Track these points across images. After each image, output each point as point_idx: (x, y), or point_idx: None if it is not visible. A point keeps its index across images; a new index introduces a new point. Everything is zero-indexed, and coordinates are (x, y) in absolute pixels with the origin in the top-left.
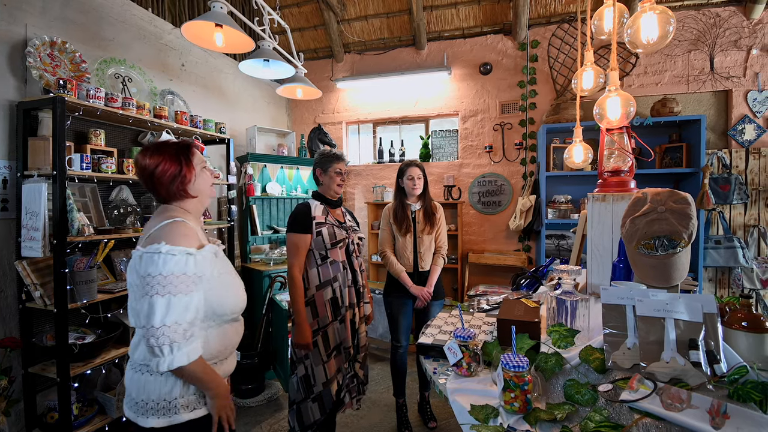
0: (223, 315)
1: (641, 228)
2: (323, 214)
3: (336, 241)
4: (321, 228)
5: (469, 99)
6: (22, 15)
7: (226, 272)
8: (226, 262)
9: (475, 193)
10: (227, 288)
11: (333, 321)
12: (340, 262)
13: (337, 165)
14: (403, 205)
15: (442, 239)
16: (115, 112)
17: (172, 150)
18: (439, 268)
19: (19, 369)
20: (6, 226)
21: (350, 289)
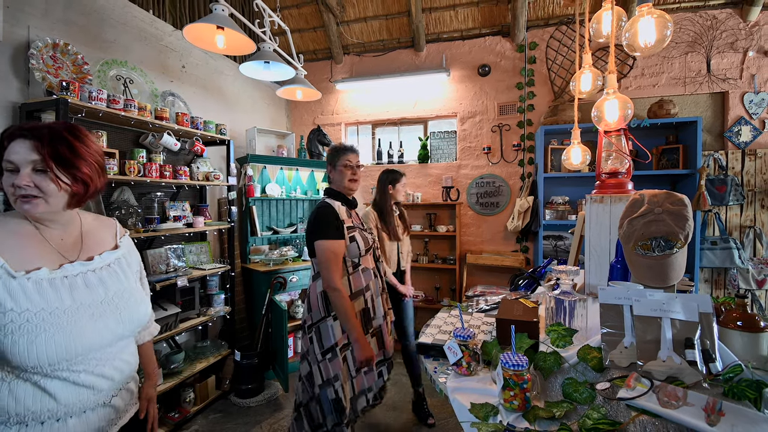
0: (29, 368)
1: (638, 229)
2: (347, 216)
3: (369, 247)
4: (353, 233)
5: (467, 100)
6: (25, 17)
7: (46, 309)
8: (71, 291)
9: (474, 194)
10: (32, 331)
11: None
12: (371, 270)
13: (346, 157)
14: (389, 210)
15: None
16: (117, 114)
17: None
18: (408, 266)
19: None
20: None
21: (382, 298)
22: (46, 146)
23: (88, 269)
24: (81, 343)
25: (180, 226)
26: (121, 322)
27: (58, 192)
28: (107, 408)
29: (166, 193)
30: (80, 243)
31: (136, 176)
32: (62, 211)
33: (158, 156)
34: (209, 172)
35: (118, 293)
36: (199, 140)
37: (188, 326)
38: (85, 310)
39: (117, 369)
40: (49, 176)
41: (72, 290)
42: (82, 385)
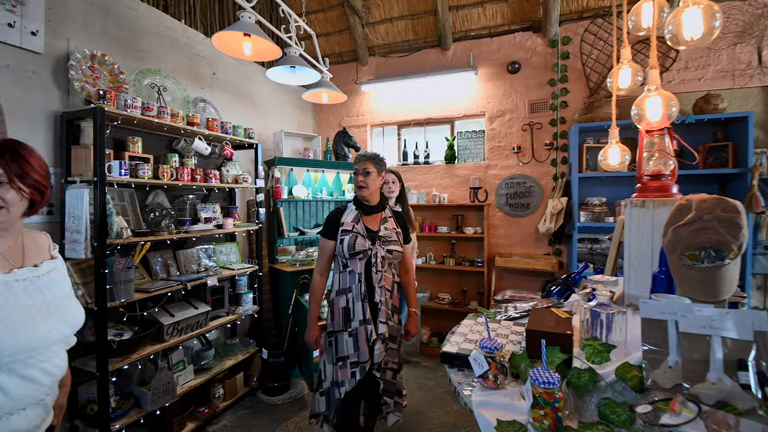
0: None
1: (685, 238)
2: (353, 221)
3: (354, 252)
4: (344, 236)
5: (496, 99)
6: (65, 30)
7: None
8: (23, 294)
9: (503, 195)
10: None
11: (343, 331)
12: (357, 274)
13: (356, 165)
14: None
15: (413, 239)
16: (151, 121)
17: None
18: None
19: None
20: (52, 229)
21: (363, 304)
22: (8, 161)
23: (35, 275)
24: (35, 338)
25: (210, 228)
26: (67, 324)
27: (20, 201)
28: (41, 406)
29: (197, 195)
30: (22, 252)
31: (169, 180)
32: (16, 220)
33: (190, 160)
34: (238, 174)
35: (62, 297)
36: (228, 144)
37: (218, 324)
38: (37, 310)
39: (57, 367)
40: (11, 187)
41: (25, 292)
42: (29, 380)
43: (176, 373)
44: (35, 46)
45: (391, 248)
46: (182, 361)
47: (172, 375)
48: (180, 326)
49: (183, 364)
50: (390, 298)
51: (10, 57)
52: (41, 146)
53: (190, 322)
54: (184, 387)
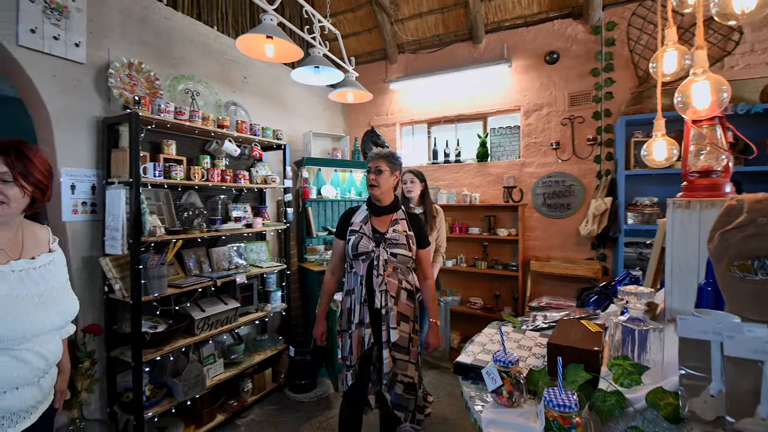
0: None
1: (734, 245)
2: (362, 221)
3: (357, 253)
4: (351, 236)
5: (532, 92)
6: (106, 41)
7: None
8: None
9: (540, 195)
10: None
11: (346, 331)
12: (360, 276)
13: (369, 163)
14: (405, 207)
15: (441, 240)
16: (183, 124)
17: None
18: (438, 265)
19: (102, 352)
20: (95, 226)
21: (362, 307)
22: (13, 160)
23: (31, 266)
24: (29, 325)
25: (239, 227)
26: (59, 314)
27: (22, 198)
28: (36, 387)
29: (229, 195)
30: (21, 244)
31: (200, 181)
32: (17, 215)
33: (221, 161)
34: (267, 175)
35: (56, 289)
36: (257, 146)
37: (246, 320)
38: (32, 299)
39: (50, 352)
40: (15, 185)
41: (20, 282)
42: (23, 361)
43: (206, 366)
44: (78, 56)
45: (396, 252)
46: (213, 355)
47: (202, 368)
48: (210, 321)
49: (213, 357)
50: (395, 305)
51: (56, 67)
52: (85, 150)
53: (220, 318)
54: (213, 380)
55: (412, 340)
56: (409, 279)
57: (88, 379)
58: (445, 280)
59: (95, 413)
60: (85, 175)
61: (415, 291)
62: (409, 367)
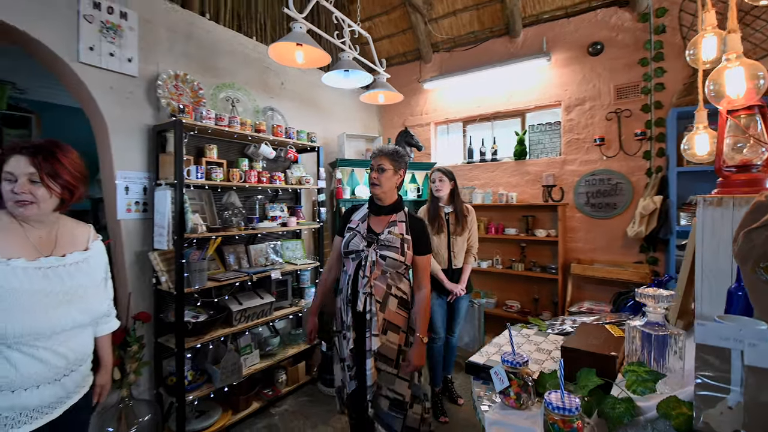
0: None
1: (760, 245)
2: (359, 219)
3: (347, 251)
4: (347, 234)
5: (574, 86)
6: (154, 56)
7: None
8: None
9: (582, 194)
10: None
11: (339, 332)
12: (348, 275)
13: (372, 161)
14: (435, 206)
15: (472, 240)
16: (222, 130)
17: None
18: (469, 266)
19: (151, 338)
20: (145, 224)
21: (347, 308)
22: (40, 161)
23: (60, 264)
24: (45, 323)
25: (274, 226)
26: (83, 312)
27: (49, 198)
28: (57, 386)
29: (266, 195)
30: (55, 242)
31: (238, 182)
32: (49, 214)
33: (258, 164)
34: (301, 176)
35: (83, 287)
36: (292, 148)
37: (281, 314)
38: (54, 297)
39: (72, 350)
40: (42, 185)
41: (44, 279)
42: (39, 360)
43: (243, 356)
44: (131, 70)
45: (386, 254)
46: (249, 346)
47: (239, 357)
48: (247, 313)
49: (250, 348)
50: (381, 311)
51: (112, 81)
52: (137, 154)
53: (256, 311)
54: (250, 369)
55: (404, 354)
56: (401, 286)
57: (137, 362)
58: (480, 281)
59: (144, 394)
60: (137, 178)
61: (409, 300)
62: (397, 383)
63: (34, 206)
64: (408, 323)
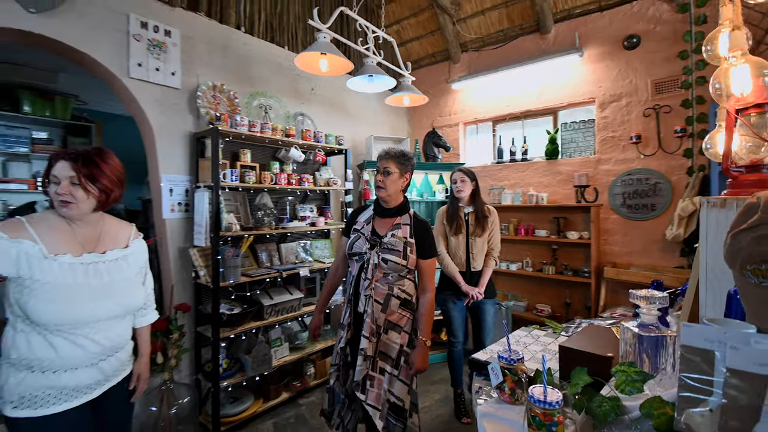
0: (42, 323)
1: (745, 247)
2: (365, 221)
3: (351, 252)
4: (352, 235)
5: (609, 81)
6: (195, 68)
7: (62, 285)
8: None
9: (618, 195)
10: (49, 298)
11: (342, 327)
12: (352, 275)
13: (378, 163)
14: (455, 207)
15: (494, 242)
16: (255, 135)
17: None
18: (489, 269)
19: (191, 327)
20: (187, 223)
21: (348, 307)
22: (80, 166)
23: (100, 260)
24: (83, 313)
25: (303, 225)
26: (117, 304)
27: (87, 199)
28: (95, 369)
29: (296, 197)
30: (98, 239)
31: (269, 184)
32: (89, 213)
33: (288, 167)
34: (329, 178)
35: (119, 282)
36: (320, 151)
37: (309, 310)
38: (92, 290)
39: (107, 339)
40: (80, 187)
41: (86, 273)
42: (77, 345)
43: (274, 348)
44: (174, 83)
45: (388, 257)
46: (279, 339)
47: (269, 348)
48: (277, 308)
49: (280, 341)
50: (383, 312)
51: (158, 93)
52: (180, 159)
53: (286, 306)
54: (279, 361)
55: (406, 355)
56: (404, 287)
57: (177, 348)
58: (510, 284)
59: (184, 378)
60: (180, 181)
61: (413, 301)
62: (397, 385)
63: (73, 206)
64: (412, 324)
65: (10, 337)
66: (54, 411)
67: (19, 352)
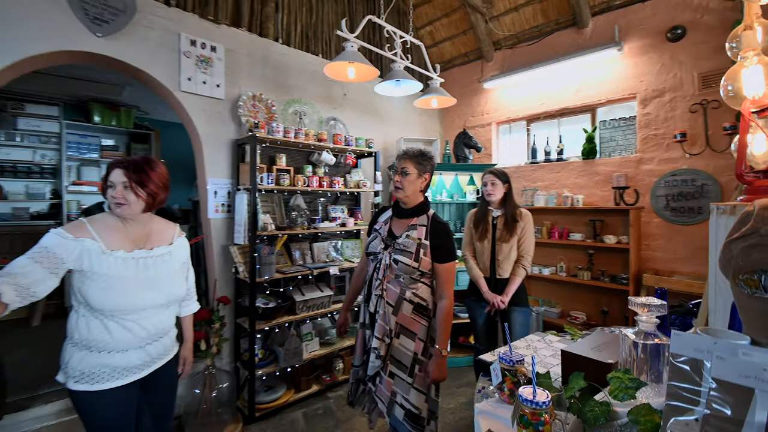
0: (99, 309)
1: (737, 256)
2: (384, 221)
3: (368, 252)
4: (371, 234)
5: (651, 76)
6: (237, 79)
7: (116, 276)
8: (135, 268)
9: (661, 197)
10: (105, 288)
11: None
12: (369, 274)
13: (396, 163)
14: (483, 210)
15: (525, 248)
16: (289, 140)
17: None
18: (518, 278)
19: (231, 319)
20: (228, 222)
21: (364, 306)
22: (131, 173)
23: (149, 255)
24: (132, 301)
25: (333, 226)
26: (162, 294)
27: (137, 201)
28: (142, 351)
29: (328, 198)
30: (147, 237)
31: (302, 186)
32: (139, 214)
33: (320, 169)
34: (359, 180)
35: (164, 275)
36: (351, 154)
37: (338, 308)
38: (141, 281)
39: (153, 325)
40: (132, 191)
41: (136, 267)
42: (127, 329)
43: (305, 342)
44: (219, 94)
45: (399, 258)
46: (310, 333)
47: (300, 342)
48: (308, 304)
49: (311, 335)
50: (394, 315)
51: (204, 104)
52: (223, 164)
53: (316, 302)
54: (310, 354)
55: (421, 363)
56: (418, 292)
57: (218, 337)
58: (543, 289)
59: (225, 366)
60: (223, 184)
61: (428, 307)
62: (412, 393)
63: (126, 207)
64: (428, 332)
65: (74, 320)
66: (108, 386)
67: (80, 333)
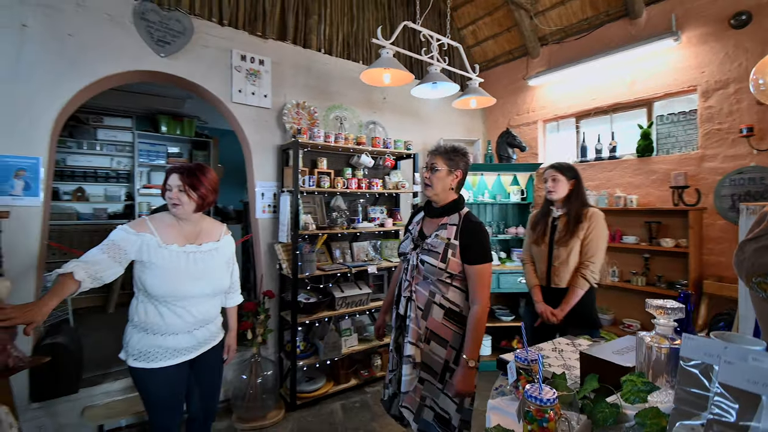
0: (154, 296)
1: (749, 257)
2: (417, 221)
3: (400, 252)
4: (405, 234)
5: (713, 66)
6: (282, 89)
7: (169, 267)
8: (186, 261)
9: (726, 197)
10: (160, 277)
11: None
12: (401, 276)
13: (427, 159)
14: (545, 209)
15: (589, 253)
16: (329, 145)
17: None
18: (578, 289)
19: (276, 312)
20: (274, 222)
21: (395, 308)
22: (185, 177)
23: (198, 250)
24: (183, 290)
25: (371, 226)
26: (208, 285)
27: (189, 202)
28: (190, 336)
29: (367, 199)
30: (198, 234)
31: (342, 188)
32: (192, 213)
33: (359, 172)
34: (398, 181)
35: (211, 268)
36: (389, 156)
37: (376, 306)
38: (190, 273)
39: (199, 312)
40: (185, 193)
41: (186, 260)
42: (177, 315)
43: (343, 337)
44: (266, 103)
45: (426, 259)
46: (349, 329)
47: (339, 337)
48: (347, 300)
49: (349, 331)
50: (423, 319)
51: (253, 113)
52: (269, 168)
53: (355, 299)
54: (348, 349)
55: (450, 372)
56: (449, 296)
57: (263, 328)
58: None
59: (270, 355)
60: (269, 186)
61: (461, 313)
62: (441, 398)
63: (180, 207)
64: (456, 338)
65: (134, 305)
66: (160, 365)
67: (139, 317)
